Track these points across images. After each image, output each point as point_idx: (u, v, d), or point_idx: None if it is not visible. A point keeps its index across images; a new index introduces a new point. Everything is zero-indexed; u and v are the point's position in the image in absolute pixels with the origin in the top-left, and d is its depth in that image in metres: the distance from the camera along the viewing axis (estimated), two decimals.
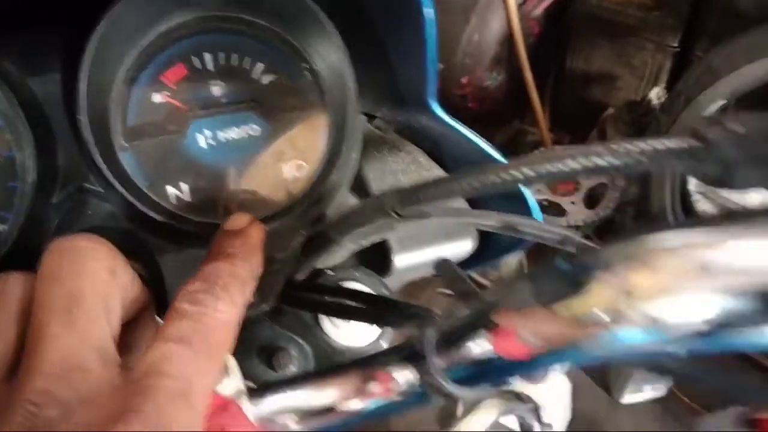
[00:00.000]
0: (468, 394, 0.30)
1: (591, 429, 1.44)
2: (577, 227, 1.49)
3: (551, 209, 1.51)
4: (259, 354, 0.40)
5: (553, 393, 1.29)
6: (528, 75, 1.54)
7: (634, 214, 1.57)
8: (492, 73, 1.56)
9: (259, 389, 0.33)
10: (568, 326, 0.25)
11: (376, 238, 0.42)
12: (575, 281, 0.24)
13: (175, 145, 0.36)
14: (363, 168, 0.44)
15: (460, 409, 0.33)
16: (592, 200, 1.51)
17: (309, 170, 0.37)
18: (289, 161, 0.37)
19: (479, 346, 0.29)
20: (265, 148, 0.37)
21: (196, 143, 0.36)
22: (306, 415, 0.34)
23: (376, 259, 0.46)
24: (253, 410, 0.33)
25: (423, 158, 0.47)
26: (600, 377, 1.51)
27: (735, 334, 0.23)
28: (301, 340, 0.41)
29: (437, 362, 0.30)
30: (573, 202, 1.50)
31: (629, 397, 1.47)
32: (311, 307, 0.40)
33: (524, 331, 0.26)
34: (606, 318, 0.23)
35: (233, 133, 0.37)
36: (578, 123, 1.68)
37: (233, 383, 0.32)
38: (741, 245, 0.23)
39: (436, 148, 0.46)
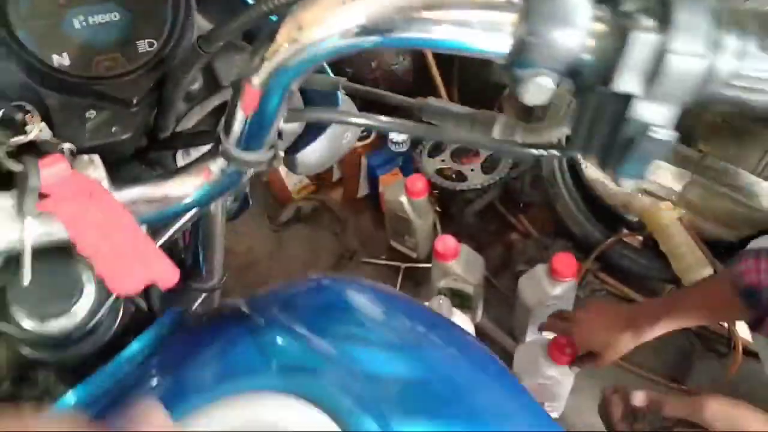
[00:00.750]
0: (254, 156, 0.45)
1: None
2: (477, 190, 1.66)
3: (456, 176, 1.69)
4: None
5: None
6: (430, 58, 1.73)
7: (531, 179, 1.76)
8: (398, 57, 1.74)
9: (116, 183, 0.48)
10: (275, 59, 0.40)
11: (216, 101, 0.58)
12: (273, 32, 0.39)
13: (57, 25, 0.51)
14: (215, 67, 0.60)
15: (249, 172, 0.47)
16: (489, 168, 1.69)
17: (156, 46, 0.53)
18: (142, 40, 0.53)
19: (239, 117, 0.44)
20: (124, 31, 0.53)
21: (73, 26, 0.52)
22: (152, 202, 0.49)
23: None
24: (115, 194, 0.48)
25: None
26: (505, 323, 1.67)
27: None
28: None
29: (228, 138, 0.45)
30: (472, 169, 1.68)
31: (531, 339, 1.63)
32: (169, 148, 0.56)
33: (255, 80, 0.41)
34: (276, 47, 0.38)
35: (100, 19, 0.52)
36: (482, 102, 1.87)
37: (98, 173, 0.47)
38: None
39: None
